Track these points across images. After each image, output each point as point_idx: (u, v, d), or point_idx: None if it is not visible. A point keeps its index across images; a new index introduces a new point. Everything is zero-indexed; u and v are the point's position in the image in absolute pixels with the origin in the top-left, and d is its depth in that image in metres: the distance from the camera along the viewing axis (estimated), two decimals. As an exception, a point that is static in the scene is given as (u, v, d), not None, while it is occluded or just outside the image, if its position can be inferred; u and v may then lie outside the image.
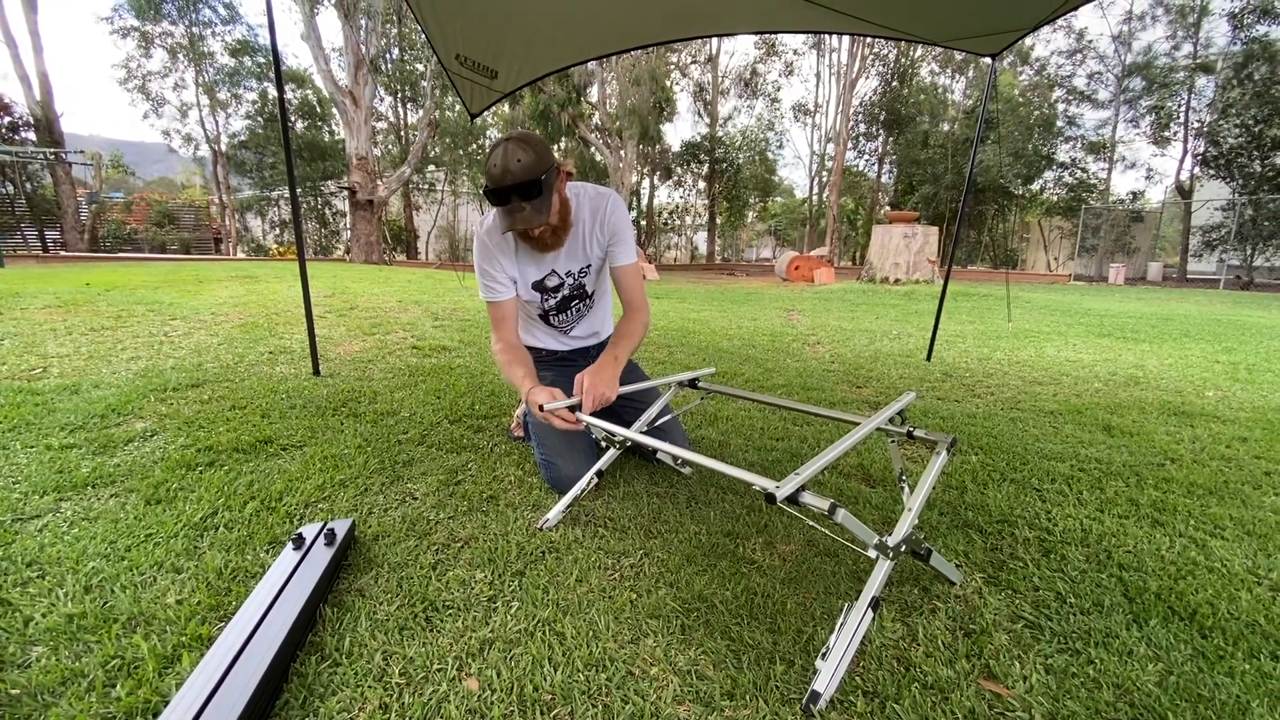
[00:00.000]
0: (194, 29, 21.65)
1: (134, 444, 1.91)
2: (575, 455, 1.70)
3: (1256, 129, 17.31)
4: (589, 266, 1.84)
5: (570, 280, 1.82)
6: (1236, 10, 17.79)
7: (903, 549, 1.09)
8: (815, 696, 0.92)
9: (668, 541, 1.42)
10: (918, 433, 1.39)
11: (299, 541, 1.24)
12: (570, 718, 0.91)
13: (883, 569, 1.07)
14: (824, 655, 0.98)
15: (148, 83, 22.25)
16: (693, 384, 1.81)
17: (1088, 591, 1.25)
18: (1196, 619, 1.16)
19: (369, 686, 0.95)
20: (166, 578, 1.21)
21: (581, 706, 0.92)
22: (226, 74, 22.25)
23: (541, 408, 1.45)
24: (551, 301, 1.85)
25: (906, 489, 1.33)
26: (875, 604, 1.04)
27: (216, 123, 23.24)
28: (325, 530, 1.28)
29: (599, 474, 1.62)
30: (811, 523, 1.47)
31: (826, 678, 0.94)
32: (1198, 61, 19.79)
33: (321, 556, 1.21)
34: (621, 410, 1.88)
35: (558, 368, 1.94)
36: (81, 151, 18.23)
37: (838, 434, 2.29)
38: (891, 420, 1.42)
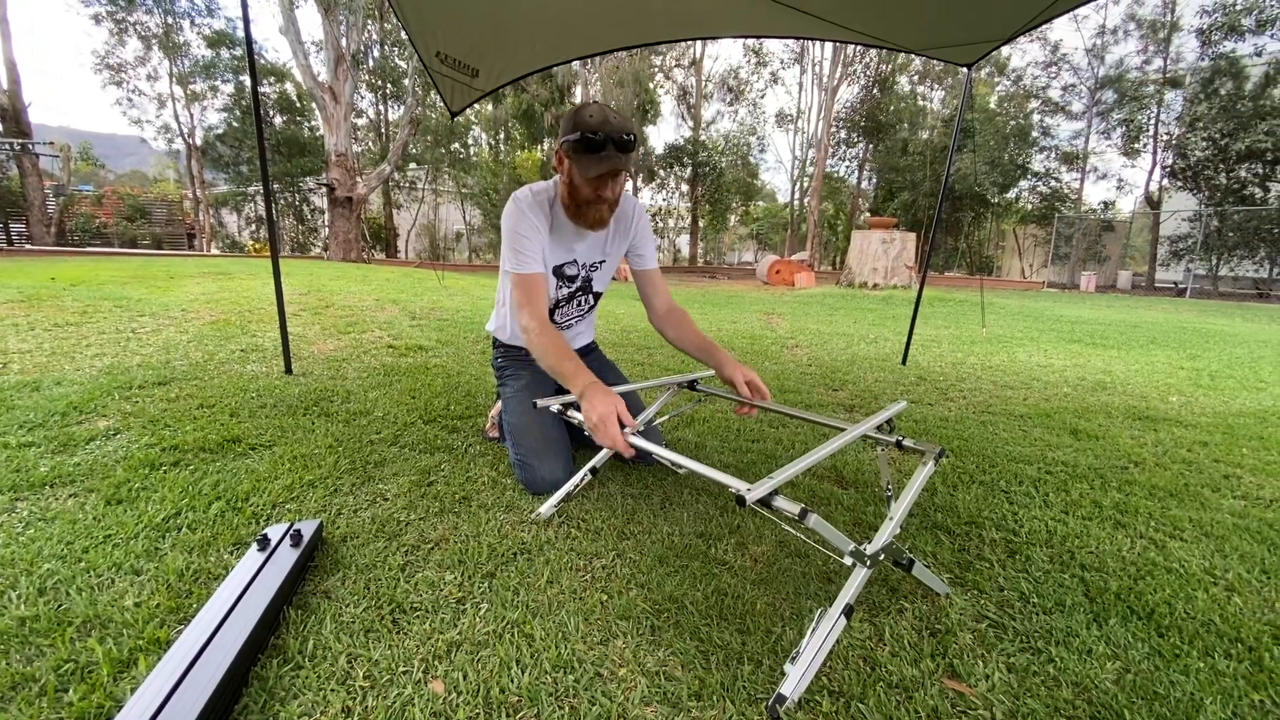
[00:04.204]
0: (169, 19, 21.21)
1: (96, 443, 1.86)
2: (552, 458, 1.69)
3: (1222, 142, 17.84)
4: (603, 262, 1.86)
5: (584, 272, 1.84)
6: (1205, 27, 18.34)
7: (881, 557, 1.09)
8: (781, 699, 0.93)
9: (640, 543, 1.42)
10: (906, 442, 1.37)
11: (264, 543, 1.22)
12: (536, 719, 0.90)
13: (859, 577, 1.07)
14: (793, 659, 0.98)
15: (121, 73, 21.76)
16: (691, 385, 1.81)
17: (1050, 591, 1.27)
18: (1154, 618, 1.19)
19: (331, 690, 0.93)
20: (125, 580, 1.18)
21: (548, 708, 0.92)
22: (203, 66, 21.82)
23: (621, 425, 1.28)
24: (564, 291, 1.84)
25: (892, 499, 1.31)
26: (848, 611, 1.04)
27: (191, 116, 22.78)
28: (291, 531, 1.26)
29: (594, 471, 1.63)
30: (787, 527, 1.48)
31: (794, 682, 0.94)
32: (1167, 76, 20.36)
33: (287, 558, 1.19)
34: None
35: (536, 366, 1.90)
36: (50, 143, 17.75)
37: (814, 436, 2.31)
38: (880, 428, 1.41)
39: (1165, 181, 21.07)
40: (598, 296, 1.97)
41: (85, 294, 4.83)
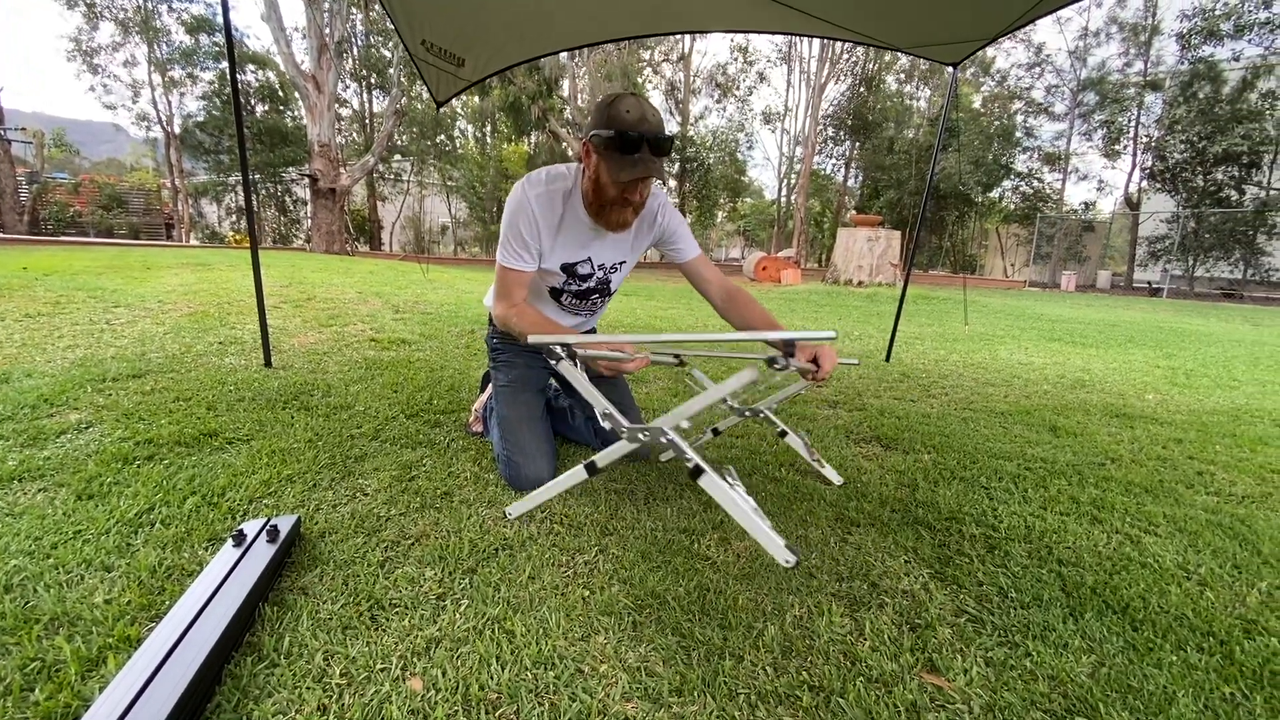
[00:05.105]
0: (147, 3, 20.73)
1: (67, 436, 1.82)
2: (539, 457, 1.67)
3: (1200, 145, 18.19)
4: (622, 263, 1.76)
5: (600, 274, 1.73)
6: (1185, 31, 18.64)
7: (643, 436, 1.26)
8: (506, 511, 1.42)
9: (623, 538, 1.41)
10: (780, 363, 1.29)
11: (239, 538, 1.20)
12: (516, 717, 0.89)
13: (617, 447, 1.30)
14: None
15: (95, 57, 21.25)
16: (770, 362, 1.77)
17: (1028, 586, 1.29)
18: (1129, 612, 1.21)
19: (307, 687, 0.92)
20: (95, 576, 1.15)
21: (528, 705, 0.91)
22: (181, 52, 21.36)
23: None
24: (574, 288, 1.73)
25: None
26: (590, 467, 1.31)
27: (170, 103, 22.30)
28: (268, 527, 1.24)
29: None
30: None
31: (521, 503, 1.40)
32: (1147, 79, 20.67)
33: (263, 554, 1.17)
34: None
35: (530, 355, 1.84)
36: (22, 129, 17.31)
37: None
38: (785, 349, 1.33)
39: (1144, 183, 21.44)
40: (612, 294, 1.87)
41: (58, 284, 4.73)
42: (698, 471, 1.16)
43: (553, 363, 1.29)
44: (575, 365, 1.29)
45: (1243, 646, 1.11)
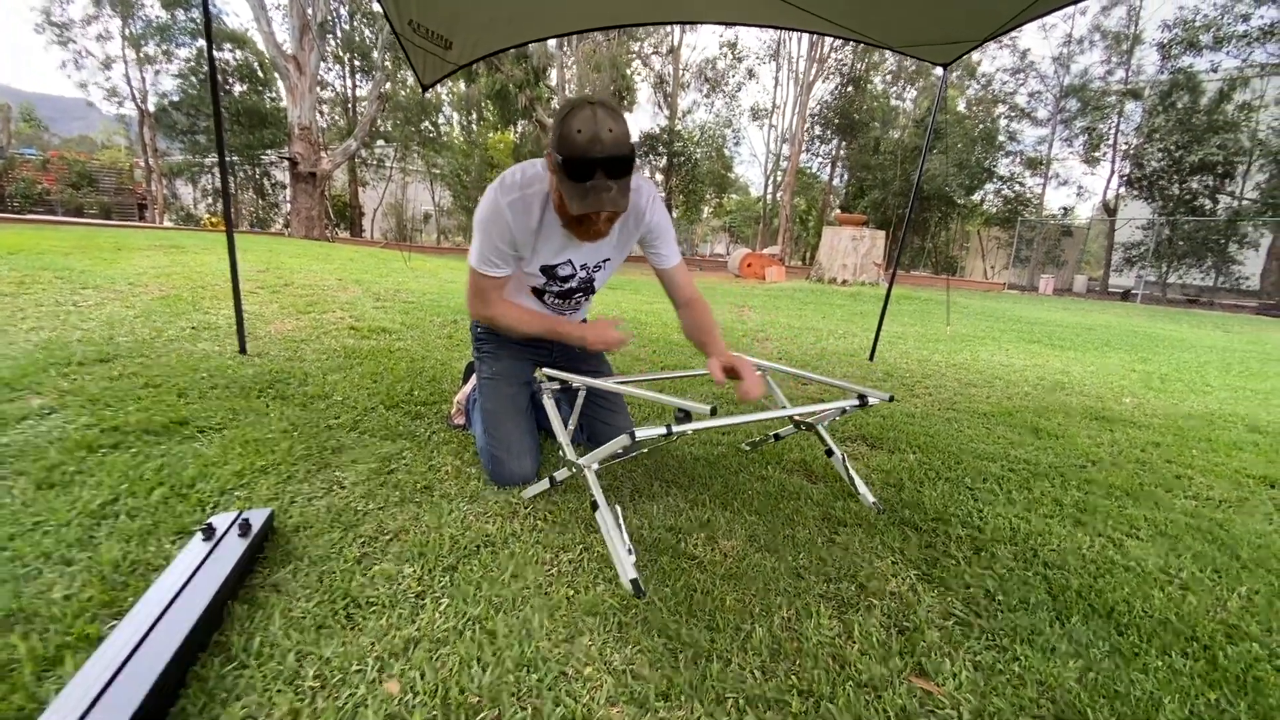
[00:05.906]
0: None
1: (28, 422, 1.74)
2: (524, 454, 1.64)
3: (1177, 154, 18.53)
4: (607, 261, 1.70)
5: (583, 274, 1.67)
6: (1165, 41, 18.97)
7: (570, 469, 1.40)
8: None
9: (609, 536, 1.38)
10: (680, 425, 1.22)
11: (209, 532, 1.15)
12: (497, 721, 0.86)
13: (563, 470, 1.46)
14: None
15: (66, 31, 20.55)
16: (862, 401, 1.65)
17: (1015, 589, 1.28)
18: (1114, 616, 1.21)
19: (278, 690, 0.88)
20: (54, 570, 1.09)
21: (510, 709, 0.88)
22: (157, 28, 20.72)
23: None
24: (555, 288, 1.68)
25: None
26: (551, 481, 1.51)
27: (144, 80, 21.65)
28: (239, 520, 1.19)
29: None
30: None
31: (533, 488, 1.54)
32: (1128, 87, 21.01)
33: (234, 549, 1.12)
34: (596, 428, 1.84)
35: (515, 346, 1.79)
36: (-12, 101, 16.67)
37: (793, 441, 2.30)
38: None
39: (1122, 190, 21.81)
40: (596, 291, 1.82)
41: (23, 263, 4.55)
42: (594, 506, 1.28)
43: (543, 398, 1.59)
44: (549, 397, 1.58)
45: (1225, 651, 1.11)
